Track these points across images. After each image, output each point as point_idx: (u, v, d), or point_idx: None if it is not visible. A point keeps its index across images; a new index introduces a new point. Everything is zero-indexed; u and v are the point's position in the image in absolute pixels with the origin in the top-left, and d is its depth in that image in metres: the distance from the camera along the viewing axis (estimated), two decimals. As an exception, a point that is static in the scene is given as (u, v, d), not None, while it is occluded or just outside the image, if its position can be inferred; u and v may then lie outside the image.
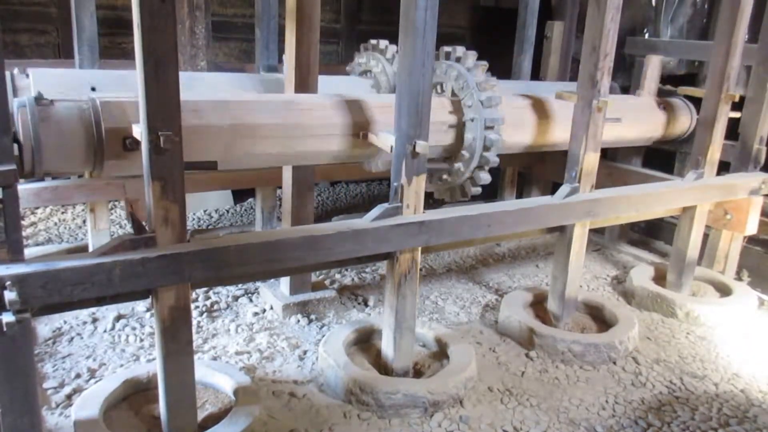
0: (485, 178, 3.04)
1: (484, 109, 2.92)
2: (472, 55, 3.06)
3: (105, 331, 3.16)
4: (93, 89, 2.87)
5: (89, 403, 2.38)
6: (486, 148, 2.96)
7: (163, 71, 1.93)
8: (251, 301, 3.59)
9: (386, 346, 2.82)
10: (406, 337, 2.77)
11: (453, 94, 3.10)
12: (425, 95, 2.47)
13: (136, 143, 2.19)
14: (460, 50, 3.10)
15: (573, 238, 3.19)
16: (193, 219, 5.07)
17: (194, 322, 3.26)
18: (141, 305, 3.37)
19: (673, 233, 3.89)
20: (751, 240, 4.27)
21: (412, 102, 2.45)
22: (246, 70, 4.59)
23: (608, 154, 4.62)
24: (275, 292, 3.52)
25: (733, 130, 3.87)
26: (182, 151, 2.04)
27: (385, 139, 2.64)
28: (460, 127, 3.02)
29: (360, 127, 2.77)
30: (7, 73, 2.04)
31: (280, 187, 3.41)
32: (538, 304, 3.56)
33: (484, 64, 3.04)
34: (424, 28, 2.37)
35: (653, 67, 4.22)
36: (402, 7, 2.40)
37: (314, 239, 2.36)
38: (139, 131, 2.04)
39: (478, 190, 3.10)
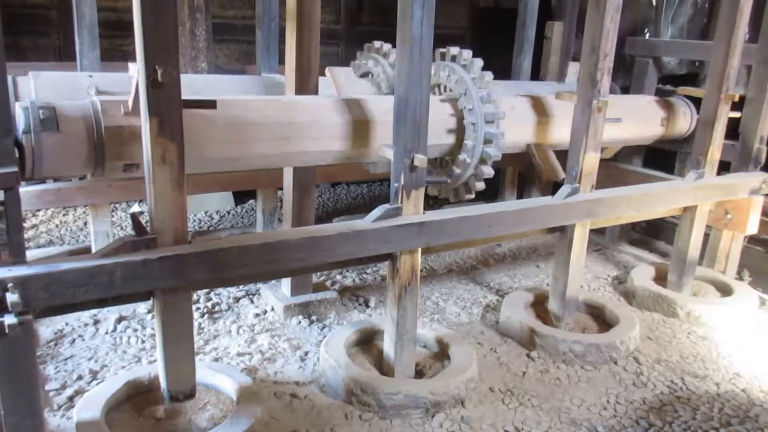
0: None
1: (486, 124, 2.91)
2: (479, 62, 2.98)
3: (106, 332, 3.17)
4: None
5: (91, 405, 2.38)
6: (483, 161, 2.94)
7: (160, 7, 1.91)
8: (252, 302, 3.59)
9: (388, 348, 2.83)
10: (407, 349, 2.78)
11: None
12: (423, 109, 2.46)
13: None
14: (466, 54, 3.01)
15: (574, 238, 3.19)
16: (194, 220, 5.07)
17: (195, 324, 3.26)
18: (142, 307, 3.38)
19: (673, 233, 3.88)
20: (751, 240, 4.27)
21: (410, 116, 2.44)
22: (247, 71, 4.60)
23: (608, 155, 4.63)
24: (276, 294, 3.53)
25: (733, 130, 3.86)
26: (180, 88, 2.00)
27: (383, 152, 2.65)
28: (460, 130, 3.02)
29: (360, 126, 2.77)
30: (9, 76, 2.04)
31: (281, 189, 3.42)
32: (539, 305, 3.56)
33: (490, 75, 2.99)
34: (421, 43, 2.37)
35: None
36: (398, 22, 2.40)
37: (315, 240, 2.36)
38: (136, 69, 2.02)
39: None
